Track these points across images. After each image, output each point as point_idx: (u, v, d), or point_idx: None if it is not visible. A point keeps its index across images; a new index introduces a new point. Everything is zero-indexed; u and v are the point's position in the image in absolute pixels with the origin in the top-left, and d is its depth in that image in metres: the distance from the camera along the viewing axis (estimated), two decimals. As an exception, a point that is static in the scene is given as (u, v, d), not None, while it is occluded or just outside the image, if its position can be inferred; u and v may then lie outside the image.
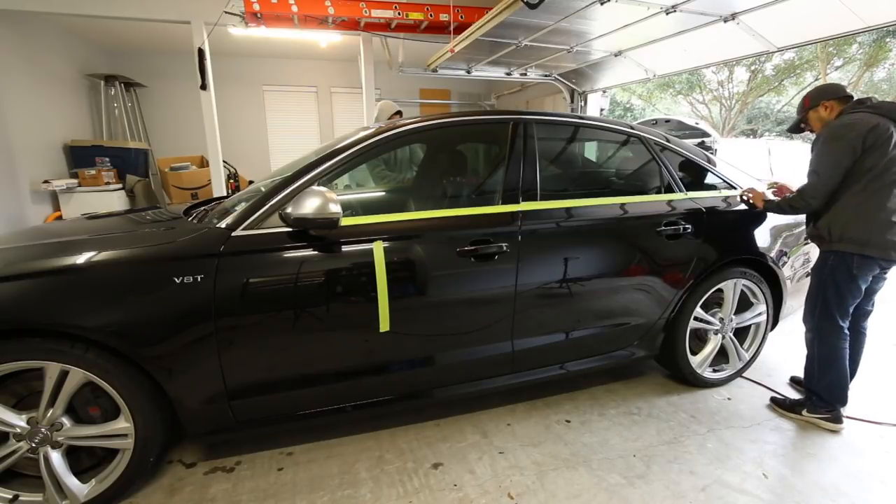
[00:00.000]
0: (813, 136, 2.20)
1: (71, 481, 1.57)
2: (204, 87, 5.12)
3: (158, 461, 1.83)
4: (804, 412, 2.23)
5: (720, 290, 2.44)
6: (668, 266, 2.27)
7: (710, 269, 2.32)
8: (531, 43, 4.55)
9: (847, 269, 2.06)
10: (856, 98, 2.10)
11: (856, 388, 2.51)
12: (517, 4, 3.39)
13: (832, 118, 2.11)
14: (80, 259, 1.55)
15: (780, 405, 2.34)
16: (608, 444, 2.06)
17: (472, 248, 1.88)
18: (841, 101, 2.12)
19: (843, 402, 2.19)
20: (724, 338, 2.51)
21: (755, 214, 2.46)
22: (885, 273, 2.16)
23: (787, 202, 2.21)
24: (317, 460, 1.94)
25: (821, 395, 2.20)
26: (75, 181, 5.44)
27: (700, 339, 2.57)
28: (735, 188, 2.50)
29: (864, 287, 2.11)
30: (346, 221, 1.74)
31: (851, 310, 2.15)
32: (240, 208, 1.75)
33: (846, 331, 2.15)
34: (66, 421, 1.55)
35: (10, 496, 1.56)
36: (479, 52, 5.13)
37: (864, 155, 1.97)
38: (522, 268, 1.97)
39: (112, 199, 5.58)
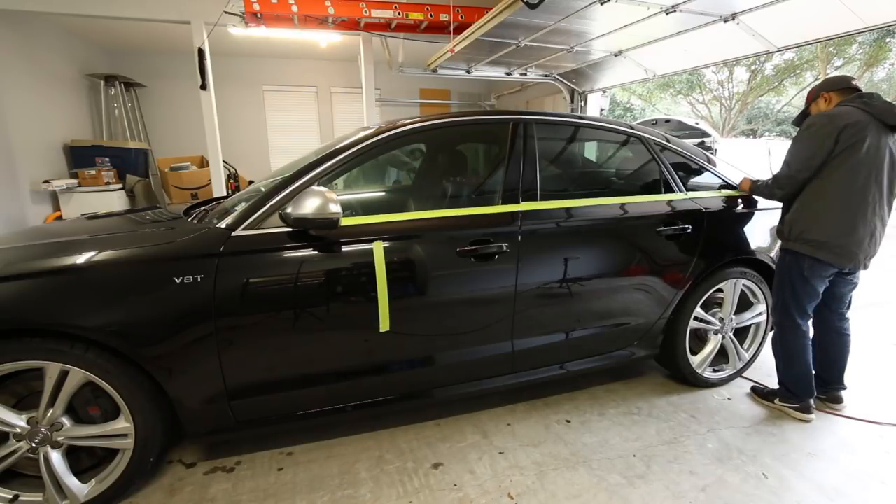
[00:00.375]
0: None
1: (71, 481, 1.57)
2: (204, 87, 5.12)
3: (158, 461, 1.83)
4: (776, 401, 2.31)
5: (720, 290, 2.44)
6: (668, 266, 2.27)
7: (709, 269, 2.32)
8: (531, 43, 4.55)
9: (799, 271, 2.08)
10: (860, 92, 2.03)
11: (856, 388, 2.51)
12: (517, 4, 3.39)
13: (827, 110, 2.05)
14: (80, 259, 1.55)
15: (758, 393, 2.43)
16: (608, 444, 2.06)
17: (472, 248, 1.88)
18: (842, 93, 2.06)
19: (810, 393, 2.23)
20: (724, 338, 2.51)
21: (755, 214, 2.46)
22: (851, 277, 2.12)
23: (757, 186, 2.26)
24: (317, 460, 1.94)
25: (787, 387, 2.26)
26: (75, 181, 5.44)
27: (700, 339, 2.57)
28: (735, 188, 2.50)
29: (820, 289, 2.10)
30: (346, 221, 1.74)
31: (811, 309, 2.16)
32: (240, 208, 1.75)
33: (804, 328, 2.17)
34: (66, 421, 1.55)
35: (11, 496, 1.56)
36: (479, 52, 5.13)
37: (836, 152, 1.92)
38: (522, 268, 1.97)
39: (112, 199, 5.58)
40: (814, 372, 2.24)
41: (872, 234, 2.00)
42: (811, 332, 2.21)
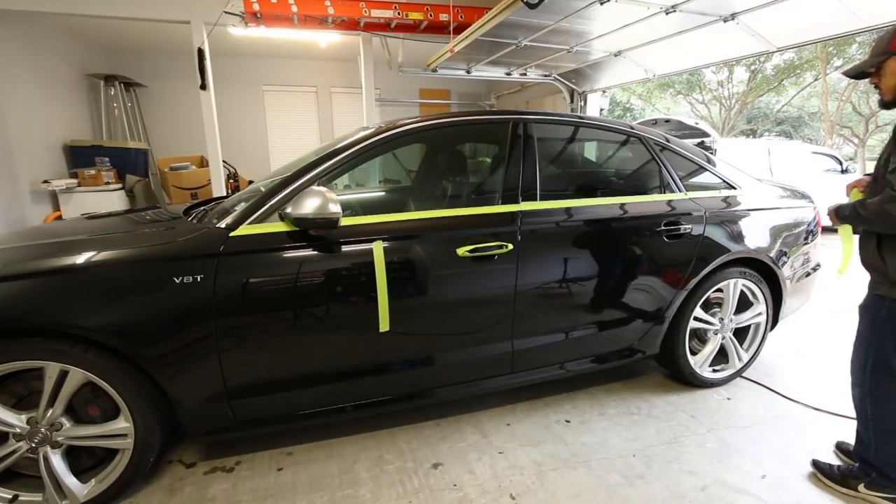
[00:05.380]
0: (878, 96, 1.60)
1: (71, 481, 1.57)
2: (204, 86, 5.12)
3: (158, 461, 1.83)
4: (861, 487, 1.71)
5: (720, 290, 2.44)
6: (668, 266, 2.27)
7: (709, 269, 2.32)
8: (531, 43, 4.56)
9: None
10: None
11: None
12: (517, 4, 3.40)
13: None
14: (80, 259, 1.55)
15: (828, 475, 1.81)
16: (608, 444, 2.06)
17: (472, 247, 1.88)
18: None
19: None
20: (723, 338, 2.51)
21: (755, 214, 2.46)
22: None
23: (879, 210, 1.49)
24: (317, 460, 1.94)
25: (882, 470, 1.68)
26: (75, 181, 5.44)
27: (700, 339, 2.57)
28: (735, 188, 2.50)
29: None
30: (345, 221, 1.74)
31: None
32: (239, 208, 1.75)
33: None
34: (65, 421, 1.55)
35: (10, 496, 1.56)
36: (479, 52, 5.13)
37: None
38: (522, 268, 1.97)
39: (112, 199, 5.58)
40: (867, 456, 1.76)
41: None
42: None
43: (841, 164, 7.48)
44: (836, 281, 4.71)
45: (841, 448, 1.99)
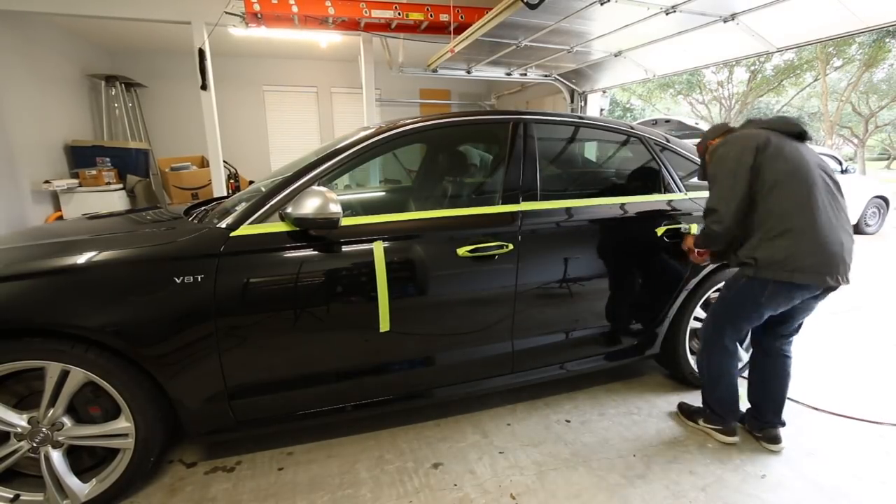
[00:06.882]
0: None
1: (72, 481, 1.58)
2: (204, 87, 5.12)
3: (159, 461, 1.83)
4: (700, 421, 2.16)
5: (720, 290, 2.44)
6: (668, 266, 2.28)
7: (709, 268, 2.32)
8: (531, 43, 4.56)
9: (755, 296, 1.85)
10: (749, 121, 1.99)
11: (856, 388, 2.52)
12: (517, 4, 3.39)
13: None
14: (81, 259, 1.55)
15: (683, 411, 2.27)
16: (608, 444, 2.06)
17: (472, 247, 1.88)
18: (727, 133, 2.02)
19: (735, 416, 2.09)
20: (723, 338, 2.51)
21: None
22: (820, 298, 1.87)
23: (702, 233, 1.99)
24: (317, 460, 1.94)
25: (712, 408, 2.11)
26: (76, 181, 5.44)
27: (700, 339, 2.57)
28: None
29: (766, 314, 1.90)
30: (346, 221, 1.75)
31: (746, 335, 1.98)
32: (240, 208, 1.75)
33: (734, 349, 2.01)
34: (66, 421, 1.56)
35: (12, 496, 1.57)
36: (479, 53, 5.14)
37: (763, 168, 1.78)
38: (522, 268, 1.97)
39: (113, 199, 5.58)
40: (750, 404, 2.14)
41: (842, 243, 1.78)
42: (739, 354, 2.08)
43: (841, 164, 7.47)
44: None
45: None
